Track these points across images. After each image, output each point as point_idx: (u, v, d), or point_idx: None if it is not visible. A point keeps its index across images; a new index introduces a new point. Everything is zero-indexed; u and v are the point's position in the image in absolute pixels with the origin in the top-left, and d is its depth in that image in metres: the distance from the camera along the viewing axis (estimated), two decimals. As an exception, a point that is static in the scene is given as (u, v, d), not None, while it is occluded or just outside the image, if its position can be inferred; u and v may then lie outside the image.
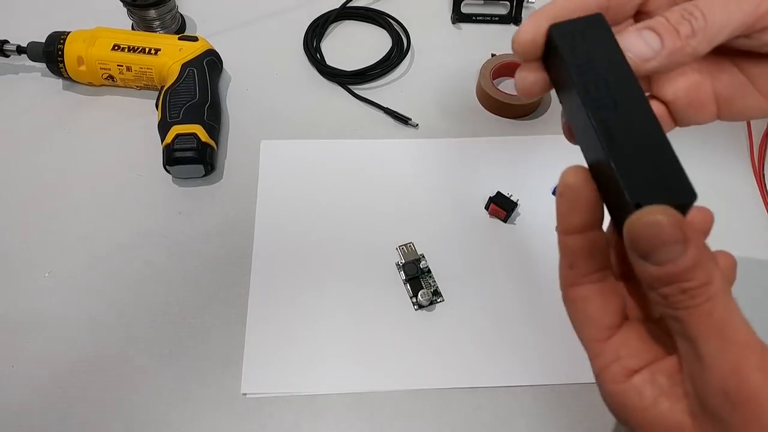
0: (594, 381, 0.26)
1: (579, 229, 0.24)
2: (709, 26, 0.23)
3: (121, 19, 0.63)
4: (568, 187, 0.23)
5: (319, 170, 0.56)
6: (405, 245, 0.51)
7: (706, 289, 0.20)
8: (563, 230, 0.24)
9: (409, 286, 0.49)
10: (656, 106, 0.27)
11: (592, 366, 0.25)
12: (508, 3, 0.68)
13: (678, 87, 0.26)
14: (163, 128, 0.54)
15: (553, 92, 0.26)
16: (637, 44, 0.24)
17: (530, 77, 0.26)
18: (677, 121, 0.27)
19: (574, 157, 0.26)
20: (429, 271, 0.50)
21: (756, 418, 0.20)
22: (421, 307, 0.48)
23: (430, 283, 0.49)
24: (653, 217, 0.20)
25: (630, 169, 0.21)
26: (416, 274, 0.49)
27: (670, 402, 0.22)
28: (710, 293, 0.20)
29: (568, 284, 0.25)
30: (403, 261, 0.50)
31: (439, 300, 0.49)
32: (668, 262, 0.20)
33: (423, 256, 0.50)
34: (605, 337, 0.24)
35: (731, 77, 0.27)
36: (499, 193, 0.53)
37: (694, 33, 0.23)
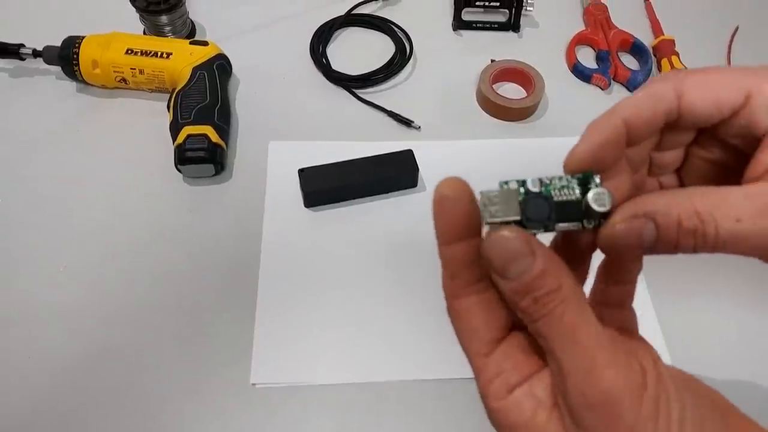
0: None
1: (457, 237, 0.23)
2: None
3: (133, 24, 0.64)
4: (445, 198, 0.23)
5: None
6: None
7: (556, 295, 0.20)
8: (443, 240, 0.23)
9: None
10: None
11: (476, 382, 0.24)
12: (507, 11, 0.70)
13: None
14: (175, 129, 0.55)
15: (549, 96, 0.27)
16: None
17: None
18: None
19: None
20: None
21: (615, 416, 0.19)
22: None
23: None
24: (501, 232, 0.21)
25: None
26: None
27: (546, 413, 0.21)
28: (561, 298, 0.20)
29: (451, 295, 0.24)
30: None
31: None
32: (520, 275, 0.20)
33: (425, 253, 0.52)
34: (487, 352, 0.23)
35: None
36: (498, 193, 0.54)
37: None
